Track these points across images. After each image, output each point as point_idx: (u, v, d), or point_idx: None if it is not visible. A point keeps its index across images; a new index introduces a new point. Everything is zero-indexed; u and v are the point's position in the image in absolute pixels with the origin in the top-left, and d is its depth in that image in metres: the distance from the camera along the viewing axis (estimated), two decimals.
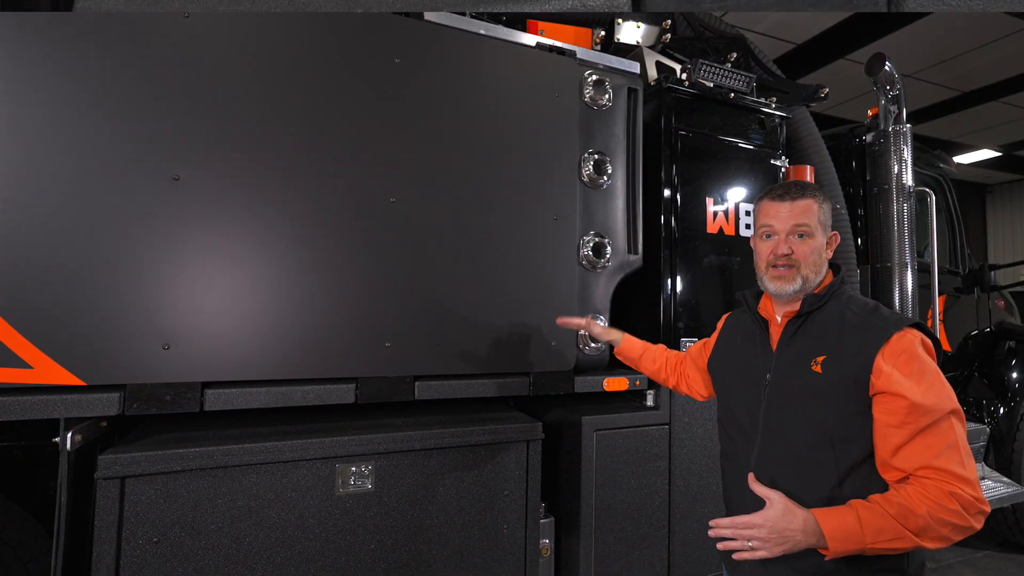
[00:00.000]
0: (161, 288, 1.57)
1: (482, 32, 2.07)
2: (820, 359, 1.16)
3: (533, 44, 2.18)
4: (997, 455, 3.38)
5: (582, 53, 2.27)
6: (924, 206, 3.13)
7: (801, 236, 1.22)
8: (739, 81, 2.65)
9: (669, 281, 2.41)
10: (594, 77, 2.25)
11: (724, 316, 1.57)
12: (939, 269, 3.08)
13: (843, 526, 1.01)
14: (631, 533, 2.20)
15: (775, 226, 1.25)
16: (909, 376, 1.05)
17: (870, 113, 3.25)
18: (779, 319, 1.29)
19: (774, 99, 2.76)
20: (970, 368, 3.69)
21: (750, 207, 2.59)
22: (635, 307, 2.54)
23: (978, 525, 1.00)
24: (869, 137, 3.16)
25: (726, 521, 1.11)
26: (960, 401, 3.68)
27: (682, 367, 1.71)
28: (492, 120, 2.05)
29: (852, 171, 3.24)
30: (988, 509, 1.00)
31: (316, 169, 1.77)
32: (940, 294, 3.16)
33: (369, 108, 1.85)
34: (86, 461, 1.59)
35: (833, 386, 1.13)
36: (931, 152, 3.74)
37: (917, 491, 1.00)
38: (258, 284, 1.68)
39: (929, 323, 3.07)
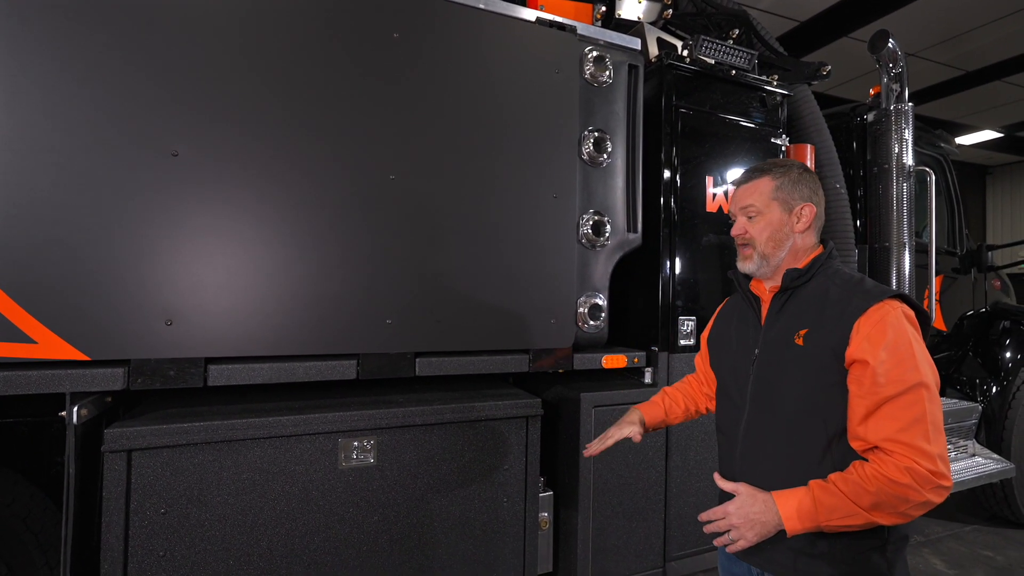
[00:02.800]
0: (163, 264, 1.58)
1: (481, 6, 2.04)
2: (803, 332, 1.18)
3: (533, 19, 2.15)
4: (988, 433, 3.44)
5: (582, 29, 2.24)
6: (924, 186, 3.12)
7: (750, 217, 1.29)
8: (741, 58, 2.62)
9: (668, 260, 2.41)
10: (595, 53, 2.23)
11: (725, 300, 1.58)
12: (937, 249, 3.09)
13: (797, 505, 1.04)
14: (628, 507, 2.25)
15: (732, 211, 1.34)
16: (879, 344, 1.05)
17: (872, 92, 3.22)
18: (768, 295, 1.31)
19: (776, 77, 2.73)
20: (965, 347, 3.73)
21: None
22: (634, 286, 2.55)
23: (936, 499, 0.99)
24: (871, 116, 3.14)
25: (704, 515, 1.16)
26: (954, 380, 3.67)
27: (695, 388, 1.60)
28: (491, 96, 2.03)
29: (853, 151, 3.23)
30: (949, 484, 0.99)
31: (316, 146, 1.76)
32: (937, 274, 3.18)
33: (368, 84, 1.84)
34: (92, 435, 1.61)
35: (814, 358, 1.14)
36: (932, 132, 3.72)
37: (872, 468, 1.01)
38: (260, 261, 1.69)
39: (925, 303, 3.10)
